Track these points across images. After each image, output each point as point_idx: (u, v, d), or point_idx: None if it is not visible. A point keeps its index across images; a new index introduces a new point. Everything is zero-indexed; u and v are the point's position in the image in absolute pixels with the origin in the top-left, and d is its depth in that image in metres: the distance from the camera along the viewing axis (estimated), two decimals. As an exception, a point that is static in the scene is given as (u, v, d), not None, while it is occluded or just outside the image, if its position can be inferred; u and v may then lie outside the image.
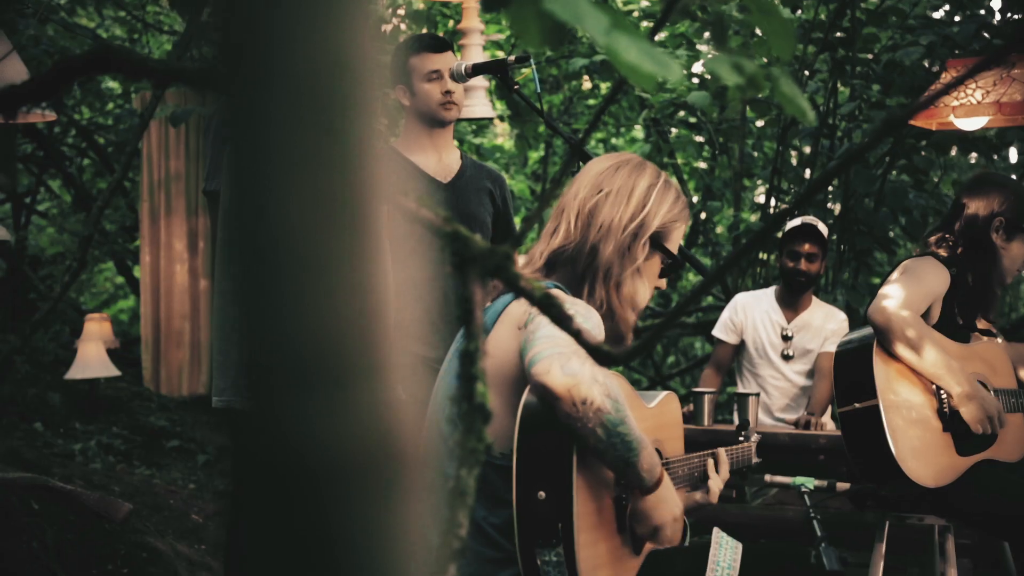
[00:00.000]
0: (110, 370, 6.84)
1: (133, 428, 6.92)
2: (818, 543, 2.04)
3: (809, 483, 2.29)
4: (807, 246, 5.17)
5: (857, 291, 6.86)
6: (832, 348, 5.14)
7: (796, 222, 5.26)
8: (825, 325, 5.20)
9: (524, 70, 6.17)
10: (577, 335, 1.22)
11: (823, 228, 5.30)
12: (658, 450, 2.34)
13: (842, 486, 2.33)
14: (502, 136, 11.72)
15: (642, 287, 2.34)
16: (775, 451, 4.39)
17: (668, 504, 2.17)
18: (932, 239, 3.48)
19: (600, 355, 1.22)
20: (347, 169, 0.46)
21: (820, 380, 5.10)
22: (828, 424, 5.08)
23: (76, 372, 6.74)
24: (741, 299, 5.44)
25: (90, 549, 3.70)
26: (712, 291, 7.90)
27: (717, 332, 5.33)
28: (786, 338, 5.18)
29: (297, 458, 0.46)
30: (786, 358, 5.21)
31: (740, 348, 5.30)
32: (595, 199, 2.32)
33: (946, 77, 4.40)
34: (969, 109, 4.16)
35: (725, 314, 5.43)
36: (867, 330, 3.29)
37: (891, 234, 6.95)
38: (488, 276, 1.15)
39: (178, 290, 8.16)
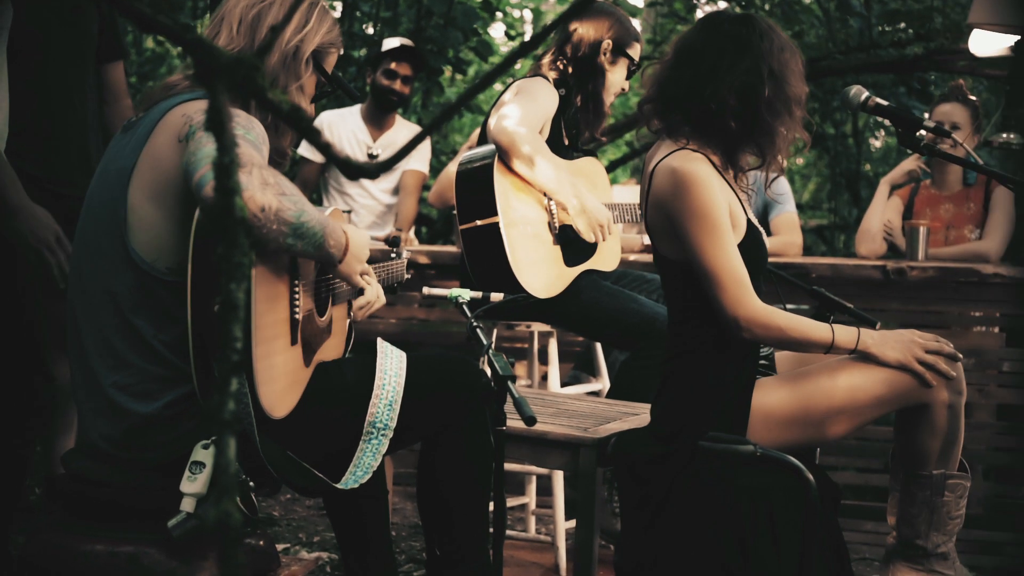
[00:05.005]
0: None
1: None
2: (485, 350, 2.13)
3: (465, 295, 2.36)
4: (404, 67, 5.21)
5: (429, 110, 7.05)
6: (417, 167, 5.27)
7: (395, 43, 5.27)
8: (410, 144, 5.28)
9: None
10: (327, 149, 1.17)
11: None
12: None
13: (496, 297, 2.43)
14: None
15: (305, 104, 2.39)
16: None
17: (361, 254, 2.32)
18: (544, 61, 3.62)
19: (351, 168, 1.19)
20: None
21: (406, 197, 5.21)
22: (414, 240, 5.24)
23: None
24: (327, 117, 5.40)
25: None
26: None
27: (302, 151, 5.25)
28: (372, 156, 5.21)
29: None
30: (372, 176, 5.26)
31: (326, 166, 5.28)
32: (258, 8, 2.31)
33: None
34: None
35: (311, 131, 5.37)
36: (488, 148, 3.39)
37: (460, 55, 7.15)
38: (235, 88, 1.08)
39: None
